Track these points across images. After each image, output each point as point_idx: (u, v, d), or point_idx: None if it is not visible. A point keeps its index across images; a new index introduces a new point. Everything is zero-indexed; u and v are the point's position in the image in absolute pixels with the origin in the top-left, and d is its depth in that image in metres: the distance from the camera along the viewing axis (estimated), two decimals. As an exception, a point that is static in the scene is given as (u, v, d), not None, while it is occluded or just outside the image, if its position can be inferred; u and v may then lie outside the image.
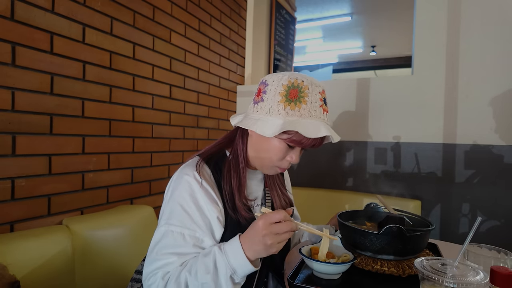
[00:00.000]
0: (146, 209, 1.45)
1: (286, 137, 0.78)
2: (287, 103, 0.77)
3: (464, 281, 0.57)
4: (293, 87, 0.78)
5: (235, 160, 0.86)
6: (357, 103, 2.21)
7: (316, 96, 0.79)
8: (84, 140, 1.31)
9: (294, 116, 0.76)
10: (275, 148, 0.80)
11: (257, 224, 0.69)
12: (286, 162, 0.83)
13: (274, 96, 0.78)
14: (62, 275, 1.05)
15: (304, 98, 0.77)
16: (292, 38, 3.17)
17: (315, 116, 0.78)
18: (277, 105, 0.77)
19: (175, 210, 0.77)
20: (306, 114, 0.77)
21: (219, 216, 0.79)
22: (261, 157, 0.84)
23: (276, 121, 0.76)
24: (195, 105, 2.01)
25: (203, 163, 0.84)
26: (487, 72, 1.86)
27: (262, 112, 0.79)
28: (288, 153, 0.82)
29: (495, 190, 1.83)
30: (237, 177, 0.84)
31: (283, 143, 0.79)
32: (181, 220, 0.76)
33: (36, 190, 1.14)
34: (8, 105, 1.06)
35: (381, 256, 0.85)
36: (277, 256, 0.94)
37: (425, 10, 2.02)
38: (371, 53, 6.93)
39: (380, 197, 1.12)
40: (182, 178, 0.80)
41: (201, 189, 0.78)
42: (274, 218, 0.68)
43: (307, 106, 0.77)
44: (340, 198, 2.07)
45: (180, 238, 0.74)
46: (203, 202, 0.78)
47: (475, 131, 1.88)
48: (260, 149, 0.83)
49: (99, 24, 1.36)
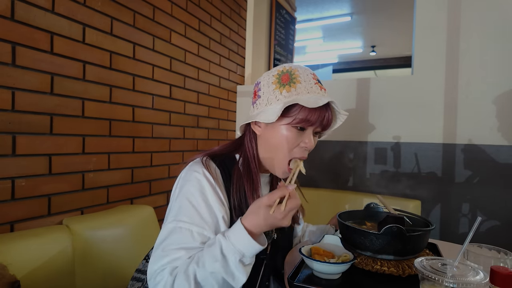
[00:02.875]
0: (146, 209, 1.45)
1: (292, 120, 0.77)
2: (282, 87, 0.79)
3: (464, 281, 0.57)
4: (283, 73, 0.81)
5: (247, 165, 0.84)
6: (357, 103, 2.21)
7: (308, 76, 0.80)
8: (84, 140, 1.31)
9: (292, 96, 0.77)
10: (285, 137, 0.78)
11: (260, 200, 0.69)
12: (300, 150, 0.79)
13: (268, 87, 0.81)
14: (62, 275, 1.05)
15: (297, 78, 0.79)
16: (292, 38, 3.17)
17: (313, 91, 0.78)
18: (273, 93, 0.79)
19: (183, 207, 0.75)
20: (303, 91, 0.78)
21: (224, 216, 0.78)
22: (275, 154, 0.81)
23: (277, 106, 0.76)
24: (195, 105, 2.01)
25: (209, 160, 0.82)
26: (487, 72, 1.86)
27: (262, 106, 0.81)
28: (301, 139, 0.79)
29: (495, 190, 1.83)
30: (250, 182, 0.82)
31: (291, 128, 0.78)
32: (190, 216, 0.74)
33: (36, 190, 1.14)
34: (8, 105, 1.06)
35: (381, 256, 0.85)
36: (279, 260, 0.94)
37: (425, 10, 2.03)
38: (371, 53, 6.93)
39: (380, 197, 1.12)
40: (192, 174, 0.78)
41: (210, 186, 0.77)
42: (275, 195, 0.68)
43: (302, 85, 0.78)
44: (340, 198, 2.07)
45: (188, 235, 0.72)
46: (212, 199, 0.76)
47: (475, 131, 1.88)
48: (271, 145, 0.81)
49: (99, 24, 1.36)
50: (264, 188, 0.92)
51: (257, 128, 0.83)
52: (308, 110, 0.76)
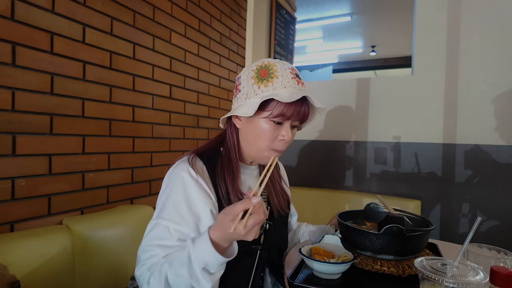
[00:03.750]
0: (146, 209, 1.45)
1: (268, 114, 0.80)
2: (260, 82, 0.82)
3: (464, 281, 0.57)
4: (262, 68, 0.84)
5: (228, 155, 0.89)
6: (357, 103, 2.21)
7: (286, 71, 0.83)
8: (84, 140, 1.31)
9: (269, 91, 0.81)
10: (263, 130, 0.82)
11: (226, 210, 0.68)
12: (280, 142, 0.83)
13: (247, 82, 0.84)
14: (62, 275, 1.05)
15: (274, 73, 0.82)
16: (292, 38, 3.17)
17: (290, 86, 0.81)
18: (252, 87, 0.83)
19: (165, 205, 0.80)
20: (280, 86, 0.81)
21: (212, 209, 0.80)
22: (255, 145, 0.85)
23: (255, 101, 0.80)
24: (195, 105, 2.01)
25: (195, 157, 0.86)
26: (487, 72, 1.86)
27: (242, 100, 0.85)
28: (279, 132, 0.82)
29: (495, 190, 1.83)
30: (230, 170, 0.86)
31: (269, 122, 0.81)
32: (169, 213, 0.78)
33: (36, 190, 1.14)
34: (8, 105, 1.06)
35: (381, 256, 0.85)
36: (274, 252, 0.94)
37: (425, 10, 2.03)
38: (371, 53, 6.93)
39: (380, 197, 1.12)
40: (177, 174, 0.82)
41: (194, 183, 0.80)
42: (237, 208, 0.65)
43: (279, 80, 0.81)
44: (340, 198, 2.07)
45: (166, 231, 0.76)
46: (195, 196, 0.79)
47: (475, 131, 1.88)
48: (251, 138, 0.85)
49: (99, 24, 1.36)
50: (253, 181, 0.94)
51: (238, 122, 0.88)
52: (284, 104, 0.79)
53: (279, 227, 0.99)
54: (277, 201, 0.96)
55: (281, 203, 0.97)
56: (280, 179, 1.06)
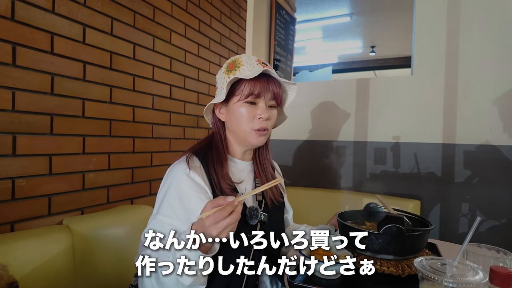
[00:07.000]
0: (146, 209, 1.45)
1: (240, 96, 0.88)
2: (229, 73, 0.91)
3: (464, 280, 0.57)
4: (230, 62, 0.93)
5: (216, 146, 0.95)
6: (356, 103, 2.21)
7: (251, 60, 0.91)
8: (85, 140, 1.31)
9: (236, 76, 0.88)
10: (241, 113, 0.89)
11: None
12: (258, 121, 0.90)
13: (220, 76, 0.94)
14: (63, 275, 1.05)
15: (241, 63, 0.91)
16: (292, 39, 3.17)
17: (255, 70, 0.88)
18: (224, 79, 0.91)
19: (162, 202, 0.86)
20: (246, 70, 0.89)
21: (210, 199, 0.82)
22: (239, 130, 0.92)
23: (225, 89, 0.88)
24: (195, 105, 2.01)
25: (192, 156, 0.92)
26: (486, 72, 1.86)
27: (218, 93, 0.94)
28: (255, 111, 0.89)
29: (494, 190, 1.83)
30: (219, 159, 0.92)
31: (243, 104, 0.89)
32: (163, 209, 0.84)
33: (37, 190, 1.14)
34: (9, 105, 1.06)
35: (380, 256, 0.85)
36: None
37: (425, 10, 2.03)
38: (371, 54, 6.93)
39: (380, 197, 1.12)
40: (173, 172, 0.88)
41: (189, 180, 0.85)
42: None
43: (244, 66, 0.89)
44: (340, 198, 2.07)
45: (159, 224, 0.83)
46: (190, 193, 0.84)
47: (475, 131, 1.88)
48: (234, 125, 0.92)
49: (100, 24, 1.36)
50: (248, 176, 0.99)
51: (221, 116, 0.95)
52: (252, 84, 0.87)
53: (275, 218, 1.02)
54: (270, 191, 1.00)
55: (274, 193, 1.01)
56: (274, 170, 1.09)
